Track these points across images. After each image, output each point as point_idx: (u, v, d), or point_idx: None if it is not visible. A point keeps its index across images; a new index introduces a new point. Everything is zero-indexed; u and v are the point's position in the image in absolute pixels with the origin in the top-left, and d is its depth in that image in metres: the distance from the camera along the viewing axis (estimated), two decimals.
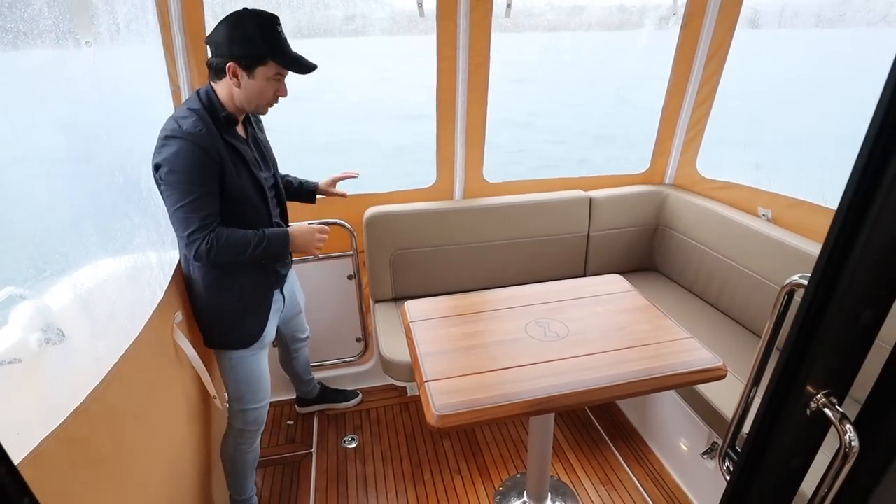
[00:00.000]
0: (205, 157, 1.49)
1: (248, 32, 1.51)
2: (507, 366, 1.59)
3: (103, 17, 1.36)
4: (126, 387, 1.17)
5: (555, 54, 17.35)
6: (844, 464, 0.62)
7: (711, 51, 2.55)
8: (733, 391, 1.95)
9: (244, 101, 1.61)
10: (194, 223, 1.50)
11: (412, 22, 2.42)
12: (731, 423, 1.00)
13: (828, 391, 0.63)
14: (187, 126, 1.49)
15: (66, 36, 1.18)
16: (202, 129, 1.51)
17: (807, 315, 0.60)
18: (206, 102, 1.58)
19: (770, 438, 0.67)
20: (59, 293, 1.22)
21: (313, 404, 2.77)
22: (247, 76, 1.56)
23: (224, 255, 1.57)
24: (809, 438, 0.68)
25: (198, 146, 1.48)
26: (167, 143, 1.48)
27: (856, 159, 0.52)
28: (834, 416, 0.63)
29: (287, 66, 1.59)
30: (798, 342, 0.61)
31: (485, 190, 2.75)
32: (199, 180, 1.49)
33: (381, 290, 2.66)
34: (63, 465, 0.92)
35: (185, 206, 1.49)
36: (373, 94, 18.86)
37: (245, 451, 1.95)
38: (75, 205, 1.15)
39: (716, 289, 2.53)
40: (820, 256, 0.58)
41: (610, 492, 2.27)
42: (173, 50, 2.02)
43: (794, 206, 2.31)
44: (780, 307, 0.88)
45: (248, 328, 1.78)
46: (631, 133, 11.89)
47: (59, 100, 1.12)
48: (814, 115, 5.22)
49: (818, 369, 0.62)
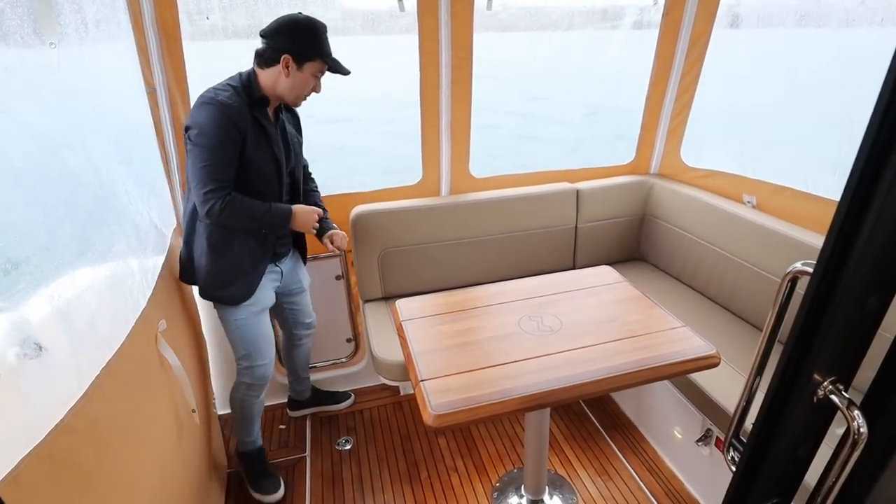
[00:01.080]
0: (231, 126, 1.69)
1: (306, 33, 1.74)
2: (503, 362, 1.57)
3: (70, 16, 1.31)
4: (109, 400, 1.13)
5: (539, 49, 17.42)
6: (853, 450, 0.61)
7: (693, 39, 2.56)
8: (726, 378, 1.96)
9: (286, 90, 1.80)
10: (212, 183, 1.70)
11: (374, 22, 2.48)
12: (735, 413, 0.99)
13: (834, 378, 0.63)
14: (223, 97, 1.70)
15: (32, 37, 1.13)
16: (235, 102, 1.71)
17: (813, 302, 0.59)
18: (245, 81, 1.79)
19: (777, 427, 0.67)
20: (36, 305, 1.17)
21: (305, 407, 2.74)
22: (296, 68, 1.76)
23: (233, 218, 1.77)
24: (816, 426, 0.67)
25: (227, 115, 1.68)
26: (201, 108, 1.69)
27: (860, 144, 0.51)
28: (841, 402, 0.62)
29: (332, 66, 1.81)
30: (804, 330, 0.60)
31: (471, 185, 2.73)
32: (221, 144, 1.69)
33: (370, 290, 2.63)
34: (45, 483, 0.88)
35: (207, 168, 1.69)
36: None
37: (252, 402, 2.17)
38: (49, 214, 1.10)
39: (703, 277, 2.55)
40: (825, 243, 0.57)
41: (607, 482, 2.28)
42: (147, 51, 1.96)
43: (778, 193, 2.33)
44: (783, 295, 0.88)
45: (237, 288, 1.94)
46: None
47: (25, 104, 1.07)
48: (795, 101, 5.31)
49: (825, 356, 0.61)
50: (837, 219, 0.54)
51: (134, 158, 1.76)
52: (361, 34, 3.01)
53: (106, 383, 1.10)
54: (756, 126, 3.88)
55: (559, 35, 7.47)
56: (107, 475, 1.10)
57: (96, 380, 1.06)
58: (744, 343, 2.18)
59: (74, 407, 0.98)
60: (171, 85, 2.07)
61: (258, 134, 1.79)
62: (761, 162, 2.53)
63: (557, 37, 12.45)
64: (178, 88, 2.09)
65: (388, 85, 10.03)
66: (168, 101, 2.08)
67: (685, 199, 2.65)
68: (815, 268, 0.59)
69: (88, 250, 1.20)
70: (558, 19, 4.57)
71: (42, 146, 1.10)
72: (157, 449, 1.43)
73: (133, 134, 1.87)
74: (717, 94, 2.78)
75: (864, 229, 0.53)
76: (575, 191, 2.76)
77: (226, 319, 1.99)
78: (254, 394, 2.14)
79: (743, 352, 2.10)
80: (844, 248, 0.55)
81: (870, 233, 0.53)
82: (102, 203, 1.33)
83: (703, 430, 2.07)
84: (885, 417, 0.62)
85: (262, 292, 2.00)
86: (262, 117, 1.82)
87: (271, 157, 1.86)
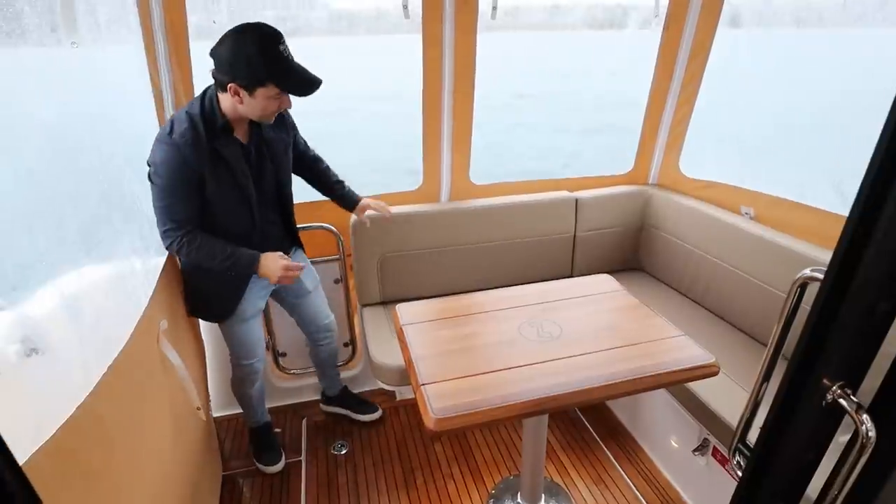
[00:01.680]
0: (185, 167, 1.61)
1: (250, 54, 1.54)
2: (503, 367, 1.58)
3: (83, 17, 1.32)
4: (115, 397, 1.12)
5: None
6: (861, 455, 0.62)
7: (693, 51, 2.59)
8: (723, 388, 1.97)
9: (247, 113, 1.69)
10: (169, 223, 1.67)
11: (351, 24, 2.47)
12: (741, 418, 1.00)
13: (843, 382, 0.64)
14: (177, 132, 1.60)
15: (49, 35, 1.13)
16: (189, 138, 1.60)
17: (823, 307, 0.60)
18: (207, 109, 1.66)
19: (784, 431, 0.68)
20: (42, 302, 1.17)
21: (334, 405, 2.74)
22: (248, 95, 1.61)
23: (193, 258, 1.74)
24: (823, 430, 0.68)
25: (180, 156, 1.59)
26: (157, 146, 1.62)
27: (873, 152, 0.53)
28: (850, 406, 0.63)
29: (286, 89, 1.63)
30: (814, 335, 0.62)
31: (471, 192, 2.75)
32: (175, 185, 1.63)
33: (369, 294, 2.64)
34: (54, 479, 0.88)
35: (162, 207, 1.65)
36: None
37: (248, 390, 2.27)
38: (57, 210, 1.10)
39: (701, 287, 2.57)
40: (836, 249, 0.58)
41: (602, 491, 2.28)
42: (155, 52, 1.97)
43: (776, 205, 2.36)
44: (791, 301, 0.89)
45: (217, 307, 2.00)
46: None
47: (41, 101, 1.08)
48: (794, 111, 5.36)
49: (834, 361, 0.62)
50: (849, 225, 0.56)
51: (139, 159, 1.76)
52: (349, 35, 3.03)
53: (112, 381, 1.10)
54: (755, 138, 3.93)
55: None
56: (112, 472, 1.09)
57: (103, 377, 1.06)
58: (741, 353, 2.20)
59: (82, 404, 0.98)
60: (178, 87, 2.07)
61: (218, 168, 1.69)
62: (759, 173, 2.56)
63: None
64: (185, 90, 2.10)
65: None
66: (174, 103, 2.08)
67: (683, 209, 2.68)
68: (826, 273, 0.60)
69: (94, 247, 1.20)
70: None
71: (54, 144, 1.10)
72: (158, 448, 1.43)
73: (139, 134, 1.87)
74: (717, 105, 2.82)
75: (876, 236, 0.54)
76: (574, 199, 2.78)
77: (219, 325, 2.10)
78: (248, 386, 2.25)
79: (740, 362, 2.12)
80: (855, 253, 0.56)
81: (881, 239, 0.54)
82: (108, 201, 1.33)
83: (700, 439, 2.07)
84: (893, 422, 0.63)
85: (247, 304, 2.02)
86: (225, 146, 1.70)
87: (235, 190, 1.77)
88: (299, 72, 1.61)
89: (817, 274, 0.77)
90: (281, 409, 2.78)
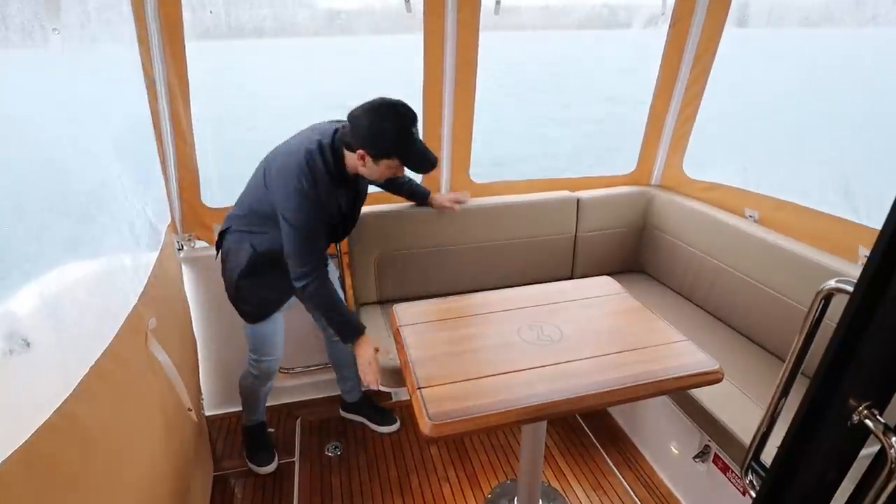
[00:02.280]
0: (320, 213, 1.79)
1: (386, 132, 1.70)
2: (502, 371, 1.53)
3: (72, 5, 1.27)
4: (96, 400, 1.08)
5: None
6: (890, 479, 0.58)
7: (699, 51, 2.55)
8: (725, 394, 1.93)
9: (365, 175, 1.84)
10: (307, 264, 1.82)
11: (331, 22, 2.48)
12: (756, 435, 0.96)
13: (869, 403, 0.60)
14: (320, 185, 1.76)
15: (32, 22, 1.08)
16: (324, 190, 1.78)
17: (852, 322, 0.56)
18: (335, 155, 1.81)
19: (805, 452, 0.64)
20: (23, 299, 1.12)
21: (351, 412, 2.69)
22: (373, 162, 1.76)
23: (315, 301, 1.90)
24: (846, 452, 0.64)
25: (317, 207, 1.77)
26: (292, 196, 1.74)
27: None
28: (877, 428, 0.59)
29: (409, 165, 1.80)
30: (841, 351, 0.58)
31: (471, 191, 2.70)
32: (313, 230, 1.81)
33: (366, 293, 2.59)
34: (27, 486, 0.84)
35: (300, 249, 1.80)
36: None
37: (258, 388, 2.28)
38: (37, 206, 1.06)
39: (703, 290, 2.53)
40: (869, 260, 0.54)
41: (601, 497, 2.24)
42: (148, 42, 1.92)
43: (781, 208, 2.32)
44: (815, 314, 0.84)
45: (253, 309, 2.06)
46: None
47: (17, 92, 1.03)
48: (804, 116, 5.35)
49: (860, 379, 0.58)
50: (883, 237, 0.52)
51: (130, 152, 1.71)
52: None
53: (93, 382, 1.05)
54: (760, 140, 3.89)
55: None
56: (93, 477, 1.05)
57: (84, 378, 1.02)
58: (743, 359, 2.16)
59: (61, 407, 0.93)
60: (172, 78, 2.02)
61: (331, 202, 1.86)
62: (765, 176, 2.52)
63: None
64: (179, 82, 2.05)
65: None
66: (167, 95, 2.03)
67: (686, 211, 2.64)
68: (856, 286, 0.56)
69: (78, 244, 1.16)
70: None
71: (35, 136, 1.06)
72: (145, 450, 1.38)
73: (130, 126, 1.83)
74: (722, 106, 2.78)
75: None
76: (575, 199, 2.74)
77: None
78: (259, 383, 2.26)
79: (743, 367, 2.08)
80: (890, 265, 0.52)
81: None
82: (96, 197, 1.28)
83: (701, 446, 2.04)
84: None
85: (271, 312, 2.10)
86: (344, 193, 1.92)
87: (330, 225, 1.92)
88: (422, 152, 1.77)
89: (845, 286, 0.73)
90: (275, 409, 2.74)
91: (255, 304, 2.05)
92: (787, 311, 2.07)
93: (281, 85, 19.60)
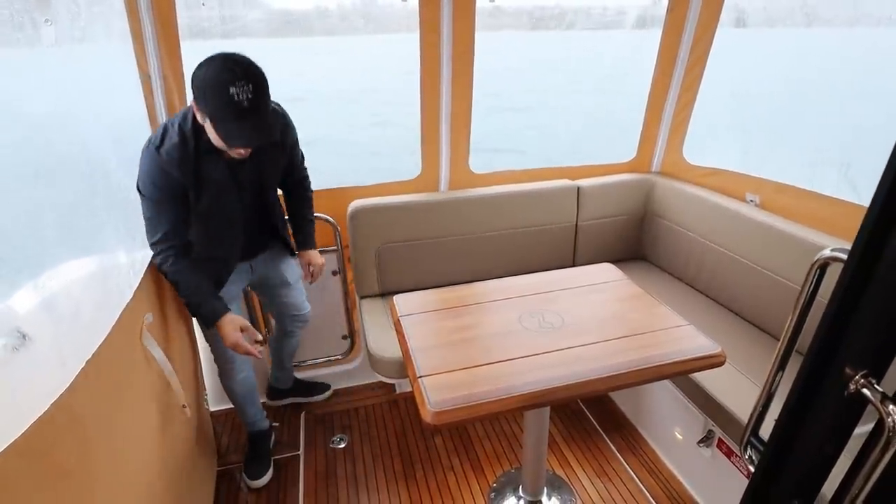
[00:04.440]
0: (169, 180, 1.57)
1: (204, 86, 1.44)
2: (503, 358, 1.53)
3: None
4: (93, 394, 1.08)
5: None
6: (888, 448, 0.57)
7: (697, 35, 2.52)
8: (729, 378, 1.92)
9: (214, 142, 1.58)
10: (154, 236, 1.65)
11: (289, 24, 2.43)
12: (754, 411, 0.95)
13: (866, 371, 0.59)
14: (166, 147, 1.56)
15: (22, 14, 1.08)
16: (175, 157, 1.56)
17: (847, 290, 0.55)
18: (196, 125, 1.58)
19: (803, 423, 0.63)
20: (20, 294, 1.12)
21: (285, 397, 2.72)
22: (202, 120, 1.53)
23: (170, 278, 1.70)
24: (843, 423, 0.63)
25: (163, 170, 1.56)
26: (144, 156, 1.58)
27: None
28: (874, 396, 0.58)
29: (221, 135, 1.50)
30: (836, 320, 0.57)
31: (471, 181, 2.69)
32: (160, 199, 1.60)
33: (367, 286, 2.59)
34: (24, 480, 0.84)
35: (148, 219, 1.64)
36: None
37: (229, 380, 2.14)
38: (33, 198, 1.06)
39: (706, 276, 2.52)
40: (862, 228, 0.53)
41: (606, 483, 2.24)
42: (142, 37, 1.91)
43: (782, 191, 2.30)
44: (810, 285, 0.83)
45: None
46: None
47: (10, 83, 1.03)
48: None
49: (857, 348, 0.57)
50: (875, 203, 0.51)
51: (127, 146, 1.71)
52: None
53: (90, 377, 1.05)
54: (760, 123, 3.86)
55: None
56: (89, 470, 1.05)
57: (80, 373, 1.02)
58: (746, 343, 2.15)
59: (57, 401, 0.93)
60: (167, 72, 2.01)
61: (204, 187, 1.66)
62: (765, 160, 2.50)
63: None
64: (174, 76, 2.04)
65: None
66: (163, 89, 2.03)
67: (687, 197, 2.62)
68: (851, 253, 0.55)
69: (74, 238, 1.15)
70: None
71: (28, 130, 1.05)
72: (141, 444, 1.38)
73: (126, 121, 1.82)
74: (721, 91, 2.76)
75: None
76: (576, 188, 2.72)
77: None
78: (225, 372, 2.11)
79: (745, 352, 2.07)
80: (883, 232, 0.51)
81: None
82: (91, 191, 1.28)
83: (705, 430, 2.03)
84: None
85: (225, 288, 1.93)
86: (213, 168, 1.66)
87: (220, 209, 1.75)
88: (241, 123, 1.46)
89: (839, 254, 0.72)
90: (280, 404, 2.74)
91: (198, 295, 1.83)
92: (788, 294, 2.06)
93: (283, 83, 19.73)
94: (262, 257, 2.08)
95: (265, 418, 2.37)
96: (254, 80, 1.44)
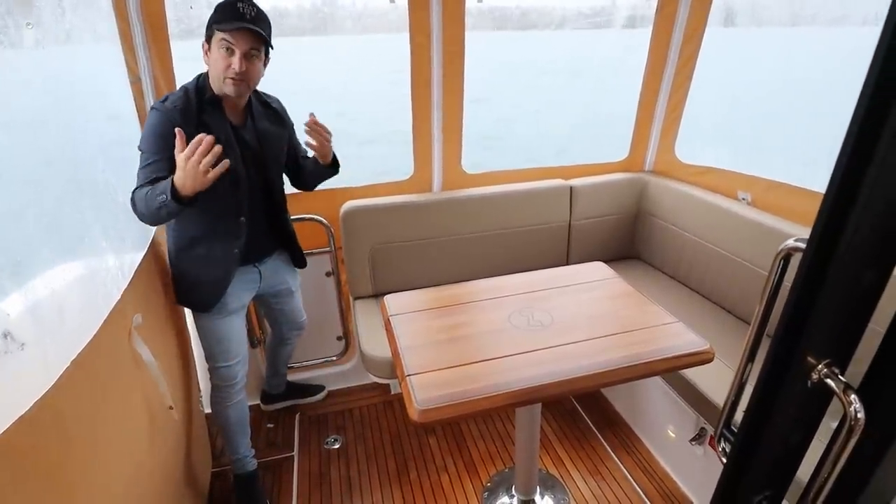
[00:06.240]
0: (170, 129, 1.52)
1: (213, 10, 1.59)
2: (491, 357, 1.53)
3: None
4: (78, 394, 1.08)
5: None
6: (850, 437, 0.58)
7: (687, 34, 2.53)
8: (720, 376, 1.92)
9: (212, 80, 1.67)
10: (142, 181, 1.59)
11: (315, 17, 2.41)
12: (726, 403, 0.96)
13: (829, 361, 0.59)
14: (170, 100, 1.63)
15: (5, 17, 1.09)
16: (179, 106, 1.62)
17: (806, 278, 0.55)
18: (199, 82, 1.70)
19: (769, 414, 0.63)
20: (12, 299, 1.13)
21: (279, 401, 2.72)
22: (208, 49, 1.64)
23: (139, 207, 1.56)
24: (810, 412, 0.63)
25: (167, 120, 1.58)
26: (150, 114, 1.63)
27: (854, 110, 0.48)
28: (837, 386, 0.59)
29: (222, 27, 1.57)
30: (797, 309, 0.57)
31: (464, 181, 2.70)
32: (156, 148, 1.59)
33: (361, 287, 2.59)
34: (4, 477, 0.84)
35: (144, 167, 1.60)
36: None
37: (225, 407, 2.04)
38: (17, 198, 1.06)
39: (699, 274, 2.52)
40: (819, 215, 0.54)
41: (599, 482, 2.24)
42: (132, 39, 1.92)
43: (773, 189, 2.30)
44: (775, 275, 0.84)
45: (203, 295, 1.88)
46: None
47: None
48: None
49: (818, 337, 0.57)
50: (831, 189, 0.51)
51: (116, 147, 1.71)
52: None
53: (75, 377, 1.06)
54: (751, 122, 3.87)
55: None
56: (73, 471, 1.05)
57: (65, 373, 1.02)
58: (738, 340, 2.15)
59: (40, 400, 0.93)
60: (157, 74, 2.03)
61: (205, 130, 1.59)
62: (756, 158, 2.51)
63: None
64: (165, 78, 2.05)
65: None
66: (153, 91, 2.03)
67: (680, 196, 2.63)
68: (809, 241, 0.55)
69: (60, 238, 1.16)
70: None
71: (12, 130, 1.06)
72: (128, 446, 1.38)
73: (115, 123, 1.83)
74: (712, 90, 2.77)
75: (860, 200, 0.49)
76: (569, 187, 2.73)
77: (195, 319, 1.96)
78: (223, 399, 2.03)
79: (737, 349, 2.06)
80: (840, 219, 0.51)
81: (865, 203, 0.49)
82: (78, 191, 1.29)
83: (697, 428, 2.03)
84: (883, 402, 0.58)
85: (231, 297, 1.91)
86: (215, 121, 1.68)
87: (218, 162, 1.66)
88: (239, 13, 1.57)
89: (801, 244, 0.72)
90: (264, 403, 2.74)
91: (197, 283, 1.86)
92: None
93: (277, 83, 19.76)
94: (271, 264, 2.06)
95: (254, 457, 2.19)
96: (258, 8, 1.62)
